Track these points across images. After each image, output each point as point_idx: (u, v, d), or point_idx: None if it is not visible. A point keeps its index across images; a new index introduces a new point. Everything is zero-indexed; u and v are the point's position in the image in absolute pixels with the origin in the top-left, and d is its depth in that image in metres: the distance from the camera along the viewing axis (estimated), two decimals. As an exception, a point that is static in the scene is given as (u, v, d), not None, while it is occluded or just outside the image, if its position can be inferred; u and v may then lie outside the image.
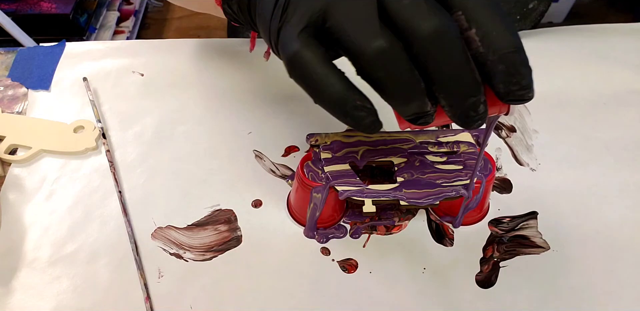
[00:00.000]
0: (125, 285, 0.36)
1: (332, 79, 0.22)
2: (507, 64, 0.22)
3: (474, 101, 0.22)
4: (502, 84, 0.22)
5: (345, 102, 0.22)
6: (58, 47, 0.51)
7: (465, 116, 0.23)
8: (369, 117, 0.23)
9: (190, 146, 0.44)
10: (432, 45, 0.21)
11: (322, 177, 0.34)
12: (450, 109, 0.23)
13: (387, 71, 0.22)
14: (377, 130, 0.24)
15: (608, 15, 1.58)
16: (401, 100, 0.23)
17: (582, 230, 0.39)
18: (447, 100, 0.22)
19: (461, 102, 0.22)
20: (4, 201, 0.40)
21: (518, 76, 0.22)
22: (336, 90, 0.22)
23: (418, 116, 0.23)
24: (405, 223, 0.39)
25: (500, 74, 0.22)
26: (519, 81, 0.22)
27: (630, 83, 0.49)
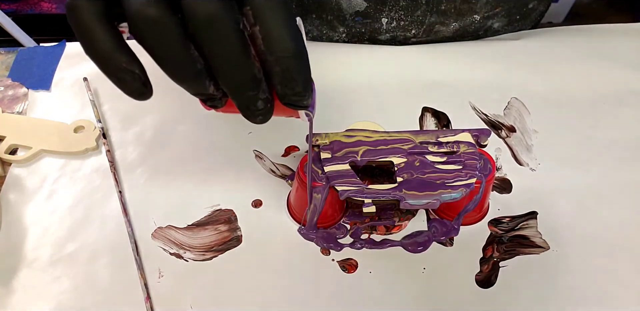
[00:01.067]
0: (125, 284, 0.36)
1: (103, 36, 0.22)
2: (283, 68, 0.22)
3: (252, 95, 0.23)
4: (279, 86, 0.23)
5: (110, 61, 0.22)
6: (58, 47, 0.51)
7: (247, 108, 0.24)
8: (135, 82, 0.23)
9: (190, 146, 0.44)
10: (206, 30, 0.21)
11: (322, 177, 0.34)
12: (231, 97, 0.23)
13: (156, 42, 0.22)
14: (143, 97, 0.24)
15: (608, 15, 1.58)
16: (177, 76, 0.23)
17: (582, 230, 0.39)
18: (225, 88, 0.23)
19: (239, 93, 0.23)
20: (4, 201, 0.40)
21: (292, 81, 0.23)
22: (104, 47, 0.22)
23: (202, 97, 0.24)
24: (405, 223, 0.39)
25: (277, 76, 0.23)
26: (292, 86, 0.23)
27: (630, 83, 0.49)
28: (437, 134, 0.36)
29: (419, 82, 0.49)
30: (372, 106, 0.47)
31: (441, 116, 0.47)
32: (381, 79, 0.49)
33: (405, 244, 0.38)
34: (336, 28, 0.52)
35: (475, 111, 0.47)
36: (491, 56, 0.51)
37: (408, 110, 0.47)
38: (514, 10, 0.52)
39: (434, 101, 0.47)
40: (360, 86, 0.49)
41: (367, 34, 0.52)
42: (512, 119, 0.46)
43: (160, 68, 0.23)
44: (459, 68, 0.50)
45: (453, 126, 0.46)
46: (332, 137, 0.36)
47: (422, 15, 0.49)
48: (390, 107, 0.47)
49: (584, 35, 0.53)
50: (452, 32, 0.52)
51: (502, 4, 0.50)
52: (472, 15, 0.50)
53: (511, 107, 0.47)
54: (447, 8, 0.49)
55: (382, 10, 0.49)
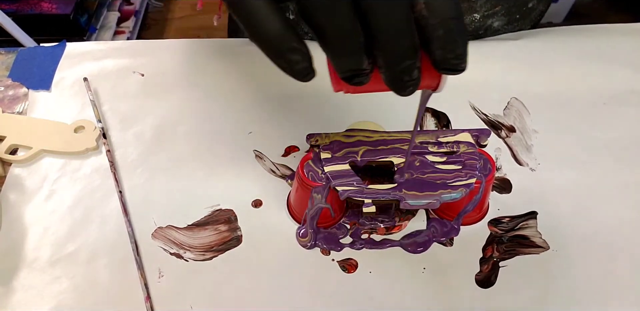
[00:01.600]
0: (125, 284, 0.36)
1: (272, 16, 0.21)
2: (446, 30, 0.22)
3: (410, 65, 0.22)
4: (439, 51, 0.22)
5: (281, 41, 0.22)
6: (58, 48, 0.52)
7: (400, 80, 0.23)
8: (303, 62, 0.22)
9: (190, 146, 0.44)
10: (380, 0, 0.21)
11: (322, 177, 0.34)
12: (386, 69, 0.23)
13: (329, 16, 0.21)
14: (308, 78, 0.23)
15: (608, 15, 1.58)
16: (339, 50, 0.22)
17: (582, 230, 0.39)
18: (385, 58, 0.22)
19: (397, 63, 0.22)
20: (5, 201, 0.40)
21: (454, 43, 0.22)
22: (274, 28, 0.21)
23: (354, 73, 0.23)
24: (405, 223, 0.39)
25: (439, 39, 0.22)
26: (454, 48, 0.22)
27: (630, 83, 0.49)
28: (437, 134, 0.36)
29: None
30: (372, 106, 0.47)
31: (441, 116, 0.47)
32: (381, 79, 0.49)
33: (404, 245, 0.38)
34: (336, 28, 0.52)
35: (475, 111, 0.47)
36: (491, 56, 0.51)
37: (408, 110, 0.47)
38: (514, 9, 0.52)
39: (434, 101, 0.47)
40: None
41: None
42: (512, 119, 0.46)
43: (321, 44, 0.22)
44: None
45: (453, 126, 0.46)
46: (332, 137, 0.36)
47: None
48: (390, 107, 0.47)
49: (584, 35, 0.53)
50: (452, 31, 0.52)
51: (502, 2, 0.50)
52: (472, 14, 0.50)
53: (511, 107, 0.47)
54: (447, 7, 0.49)
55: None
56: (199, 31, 1.64)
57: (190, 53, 0.52)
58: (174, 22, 1.70)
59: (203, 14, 1.72)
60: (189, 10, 1.74)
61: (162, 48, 0.52)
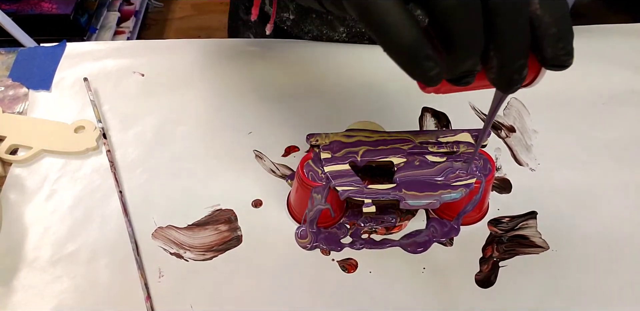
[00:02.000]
0: (125, 284, 0.36)
1: (408, 24, 0.21)
2: (559, 28, 0.22)
3: (522, 64, 0.23)
4: (550, 48, 0.23)
5: (418, 50, 0.21)
6: (59, 48, 0.52)
7: (510, 79, 0.23)
8: (436, 68, 0.22)
9: (190, 146, 0.44)
10: (503, 4, 0.21)
11: (322, 177, 0.34)
12: (499, 69, 0.23)
13: (463, 22, 0.21)
14: (438, 83, 0.23)
15: (608, 15, 1.58)
16: (464, 55, 0.22)
17: (582, 230, 0.39)
18: (502, 58, 0.23)
19: (512, 63, 0.23)
20: (5, 201, 0.40)
21: (566, 40, 0.23)
22: (411, 36, 0.21)
23: (466, 73, 0.23)
24: (405, 223, 0.39)
25: (551, 37, 0.23)
26: (565, 45, 0.23)
27: (630, 83, 0.49)
28: (437, 134, 0.37)
29: (419, 82, 0.49)
30: (372, 106, 0.47)
31: (441, 116, 0.47)
32: (381, 79, 0.49)
33: (404, 245, 0.38)
34: (336, 28, 0.52)
35: (475, 111, 0.47)
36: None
37: (408, 110, 0.47)
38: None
39: (434, 101, 0.48)
40: (360, 86, 0.49)
41: (367, 33, 0.52)
42: (511, 119, 0.47)
43: (444, 48, 0.22)
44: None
45: (453, 126, 0.46)
46: (332, 137, 0.37)
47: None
48: (390, 107, 0.47)
49: (583, 35, 0.53)
50: (452, 32, 0.52)
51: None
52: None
53: (511, 107, 0.47)
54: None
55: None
56: (199, 31, 1.64)
57: (190, 53, 0.52)
58: (174, 22, 1.70)
59: (203, 14, 1.72)
60: (189, 10, 1.74)
61: (162, 48, 0.52)
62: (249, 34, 0.60)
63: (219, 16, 1.67)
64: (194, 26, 1.68)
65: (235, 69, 0.50)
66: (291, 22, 0.53)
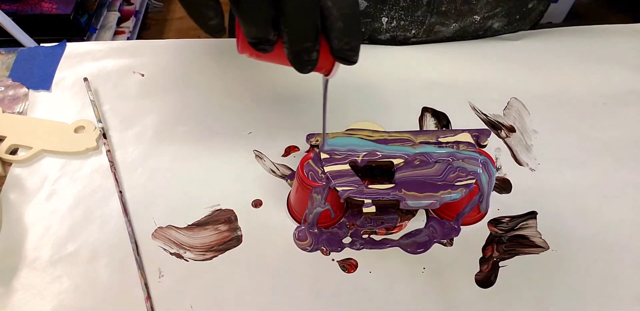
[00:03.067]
0: (125, 284, 0.36)
1: None
2: (345, 24, 0.25)
3: (309, 46, 0.25)
4: (336, 41, 0.26)
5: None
6: (59, 48, 0.52)
7: (299, 57, 0.26)
8: (215, 19, 0.25)
9: (190, 146, 0.44)
10: None
11: (322, 177, 0.34)
12: (288, 46, 0.25)
13: None
14: (219, 34, 0.26)
15: (607, 15, 1.58)
16: (249, 18, 0.24)
17: (582, 230, 0.39)
18: (288, 36, 0.25)
19: (298, 42, 0.25)
20: (5, 201, 0.40)
21: (350, 36, 0.25)
22: None
23: (259, 41, 0.25)
24: (405, 223, 0.39)
25: (338, 30, 0.25)
26: (350, 41, 0.26)
27: (630, 83, 0.49)
28: (437, 134, 0.37)
29: (419, 82, 0.49)
30: (372, 106, 0.47)
31: (441, 116, 0.47)
32: (381, 79, 0.49)
33: (404, 246, 0.38)
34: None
35: (475, 111, 0.47)
36: (491, 56, 0.51)
37: (408, 110, 0.47)
38: (514, 10, 0.52)
39: (434, 101, 0.48)
40: (360, 86, 0.49)
41: (367, 33, 0.52)
42: (511, 119, 0.47)
43: (233, 8, 0.24)
44: (459, 68, 0.50)
45: (453, 126, 0.46)
46: (332, 137, 0.37)
47: (423, 16, 0.49)
48: (390, 107, 0.47)
49: (583, 35, 0.54)
50: (452, 32, 0.52)
51: (502, 4, 0.50)
52: (472, 15, 0.50)
53: (511, 107, 0.47)
54: (447, 9, 0.49)
55: (383, 9, 0.49)
56: (199, 31, 1.63)
57: (190, 53, 0.52)
58: (174, 22, 1.70)
59: (203, 14, 1.72)
60: (189, 11, 1.73)
61: (162, 48, 0.52)
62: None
63: (219, 16, 1.67)
64: (194, 26, 1.66)
65: (235, 69, 0.50)
66: None
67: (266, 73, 0.50)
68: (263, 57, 0.28)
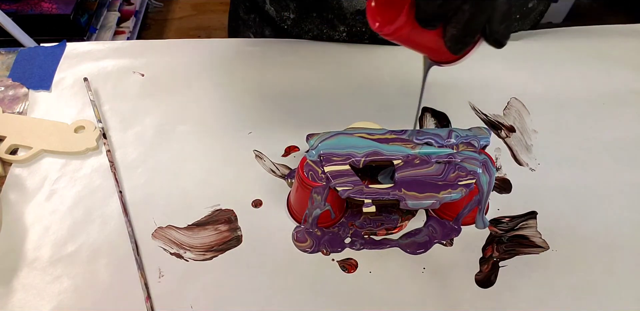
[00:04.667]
0: (125, 284, 0.36)
1: None
2: (507, 7, 0.26)
3: (477, 29, 0.27)
4: (497, 23, 0.27)
5: None
6: (59, 48, 0.52)
7: (463, 40, 0.27)
8: None
9: (190, 146, 0.44)
10: None
11: (322, 177, 0.34)
12: (461, 27, 0.26)
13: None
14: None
15: (607, 15, 1.58)
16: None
17: (582, 230, 0.39)
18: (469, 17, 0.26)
19: (473, 24, 0.26)
20: (5, 201, 0.40)
21: (509, 19, 0.27)
22: None
23: (434, 17, 0.26)
24: (405, 223, 0.39)
25: (499, 13, 0.26)
26: (508, 24, 0.27)
27: (630, 83, 0.49)
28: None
29: (419, 82, 0.49)
30: (372, 106, 0.47)
31: (441, 116, 0.47)
32: (381, 79, 0.49)
33: (404, 246, 0.38)
34: (337, 27, 0.52)
35: (475, 111, 0.47)
36: (491, 56, 0.51)
37: (408, 110, 0.47)
38: (514, 9, 0.52)
39: (434, 101, 0.48)
40: (360, 86, 0.49)
41: (367, 33, 0.52)
42: (511, 119, 0.47)
43: None
44: (459, 68, 0.50)
45: (453, 126, 0.46)
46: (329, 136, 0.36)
47: None
48: (390, 107, 0.47)
49: (583, 36, 0.54)
50: (452, 32, 0.52)
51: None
52: (472, 15, 0.50)
53: (511, 107, 0.47)
54: (447, 8, 0.49)
55: (383, 10, 0.49)
56: (199, 31, 1.64)
57: (190, 53, 0.52)
58: (174, 22, 1.70)
59: (203, 14, 1.72)
60: (189, 10, 1.73)
61: (162, 48, 0.52)
62: (249, 34, 0.60)
63: (219, 16, 1.67)
64: (194, 26, 1.67)
65: (235, 69, 0.50)
66: (291, 21, 0.53)
67: (266, 73, 0.50)
68: (406, 37, 0.27)
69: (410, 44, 0.29)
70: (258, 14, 0.57)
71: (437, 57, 0.30)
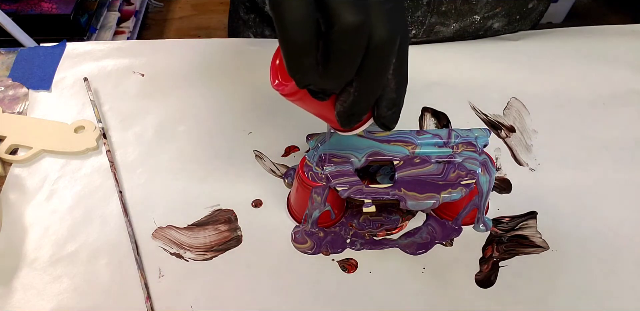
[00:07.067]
0: (125, 284, 0.36)
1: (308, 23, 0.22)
2: (397, 95, 0.27)
3: (366, 108, 0.26)
4: (385, 108, 0.27)
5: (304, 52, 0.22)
6: (59, 48, 0.52)
7: (352, 116, 0.26)
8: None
9: (190, 146, 0.44)
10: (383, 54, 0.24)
11: (322, 177, 0.34)
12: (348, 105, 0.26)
13: (352, 46, 0.22)
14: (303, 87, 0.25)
15: (607, 15, 1.58)
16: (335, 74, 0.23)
17: (581, 230, 0.39)
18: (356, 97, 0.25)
19: (362, 103, 0.26)
20: (5, 201, 0.40)
21: (398, 106, 0.27)
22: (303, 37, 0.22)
23: (323, 90, 0.25)
24: (405, 223, 0.39)
25: (389, 100, 0.27)
26: (396, 111, 0.28)
27: (630, 83, 0.49)
28: (437, 134, 0.36)
29: (419, 82, 0.49)
30: (372, 106, 0.47)
31: (441, 116, 0.47)
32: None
33: (404, 246, 0.38)
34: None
35: (475, 111, 0.47)
36: (491, 56, 0.51)
37: (408, 110, 0.47)
38: (514, 10, 0.52)
39: (434, 101, 0.48)
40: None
41: None
42: (511, 119, 0.47)
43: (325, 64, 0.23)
44: (459, 68, 0.50)
45: (453, 126, 0.46)
46: (332, 137, 0.36)
47: (423, 16, 0.49)
48: (390, 107, 0.47)
49: (583, 36, 0.54)
50: (452, 32, 0.52)
51: (502, 4, 0.50)
52: (472, 15, 0.50)
53: (511, 107, 0.47)
54: (447, 9, 0.49)
55: (383, 10, 0.49)
56: (198, 31, 1.64)
57: (190, 53, 0.52)
58: (174, 22, 1.70)
59: (203, 14, 1.72)
60: (189, 10, 1.74)
61: (162, 48, 0.52)
62: (249, 33, 0.60)
63: (219, 16, 1.67)
64: (193, 26, 1.67)
65: (235, 69, 0.50)
66: None
67: (266, 73, 0.50)
68: (303, 102, 0.27)
69: (309, 109, 0.28)
70: (258, 14, 0.57)
71: (334, 125, 0.29)
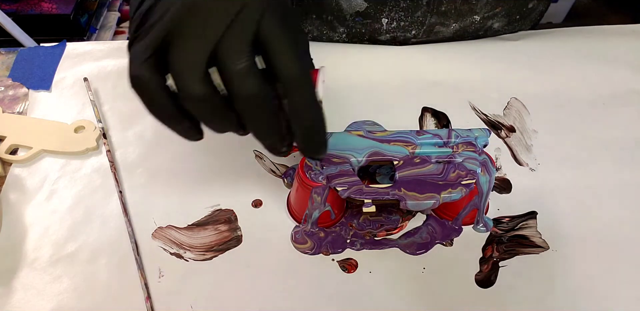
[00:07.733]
0: (125, 284, 0.36)
1: (164, 101, 0.28)
2: (305, 133, 0.27)
3: (276, 143, 0.29)
4: (301, 143, 0.28)
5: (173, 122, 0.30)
6: (59, 48, 0.52)
7: (273, 150, 0.30)
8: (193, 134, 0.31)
9: (190, 146, 0.44)
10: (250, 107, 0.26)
11: (322, 177, 0.34)
12: (261, 142, 0.29)
13: (208, 113, 0.27)
14: (195, 139, 0.31)
15: (607, 15, 1.58)
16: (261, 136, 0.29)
17: (582, 230, 0.39)
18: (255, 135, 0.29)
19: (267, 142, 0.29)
20: (5, 201, 0.40)
21: (311, 144, 0.28)
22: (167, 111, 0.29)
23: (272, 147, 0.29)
24: (405, 223, 0.39)
25: (300, 136, 0.28)
26: (310, 147, 0.28)
27: (630, 83, 0.49)
28: (437, 134, 0.36)
29: (419, 82, 0.49)
30: (372, 106, 0.47)
31: (441, 116, 0.47)
32: (381, 79, 0.49)
33: (404, 247, 0.38)
34: (336, 28, 0.52)
35: (475, 111, 0.47)
36: (491, 56, 0.51)
37: (408, 110, 0.47)
38: (514, 10, 0.52)
39: (434, 101, 0.48)
40: (360, 86, 0.49)
41: (367, 34, 0.52)
42: (511, 119, 0.47)
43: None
44: (459, 68, 0.50)
45: (453, 126, 0.46)
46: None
47: (423, 16, 0.49)
48: (390, 107, 0.47)
49: (583, 36, 0.54)
50: (452, 32, 0.52)
51: (502, 4, 0.50)
52: (472, 15, 0.50)
53: (511, 107, 0.47)
54: (447, 9, 0.49)
55: (383, 10, 0.49)
56: (199, 31, 1.64)
57: (191, 53, 0.51)
58: (174, 22, 1.70)
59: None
60: (189, 11, 1.73)
61: (162, 48, 0.52)
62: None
63: (219, 16, 1.67)
64: (193, 26, 1.67)
65: (235, 69, 0.50)
66: None
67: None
68: None
69: None
70: None
71: None
